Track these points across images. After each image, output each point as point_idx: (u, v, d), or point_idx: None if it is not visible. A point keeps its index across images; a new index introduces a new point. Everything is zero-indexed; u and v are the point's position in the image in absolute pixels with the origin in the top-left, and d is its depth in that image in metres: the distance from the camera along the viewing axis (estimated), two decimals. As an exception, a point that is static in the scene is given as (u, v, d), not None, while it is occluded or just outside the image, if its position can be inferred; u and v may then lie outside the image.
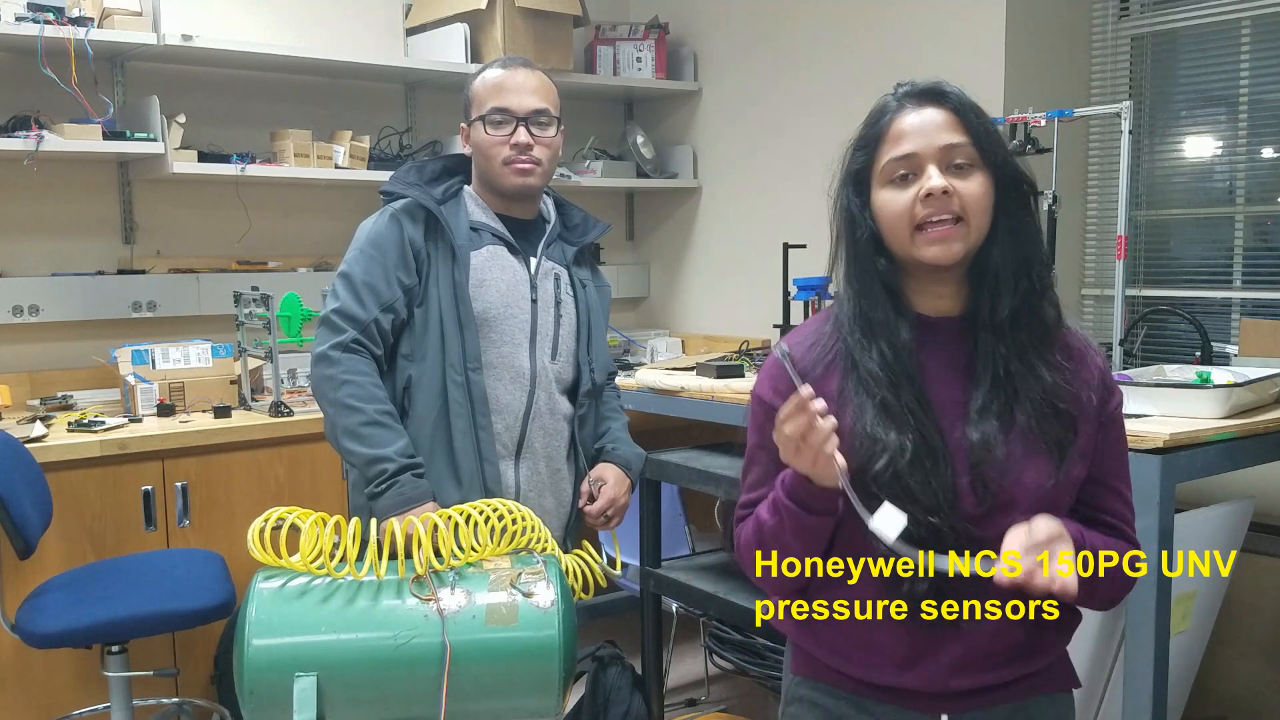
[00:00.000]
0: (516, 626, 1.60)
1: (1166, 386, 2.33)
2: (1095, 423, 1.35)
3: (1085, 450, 1.34)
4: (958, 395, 1.33)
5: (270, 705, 1.56)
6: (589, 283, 2.09)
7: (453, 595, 1.60)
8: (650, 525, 2.98)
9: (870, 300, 1.34)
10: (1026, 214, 1.33)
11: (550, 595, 1.62)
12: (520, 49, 3.70)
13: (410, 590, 1.61)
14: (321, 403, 1.91)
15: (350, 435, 1.84)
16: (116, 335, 3.38)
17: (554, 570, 1.68)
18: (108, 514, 2.85)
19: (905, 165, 1.30)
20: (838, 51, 3.73)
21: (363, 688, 1.57)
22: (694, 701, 3.48)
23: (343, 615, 1.58)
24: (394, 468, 1.81)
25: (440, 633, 1.56)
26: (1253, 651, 2.86)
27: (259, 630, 1.56)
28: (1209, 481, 2.64)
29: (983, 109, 1.34)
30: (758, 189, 4.08)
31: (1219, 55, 3.23)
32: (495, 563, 1.68)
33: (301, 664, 1.55)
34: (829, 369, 1.36)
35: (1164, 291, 3.34)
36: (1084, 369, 1.36)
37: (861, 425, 1.31)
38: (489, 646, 1.58)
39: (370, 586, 1.63)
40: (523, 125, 1.92)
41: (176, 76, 3.47)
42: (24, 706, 2.76)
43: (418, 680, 1.57)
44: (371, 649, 1.57)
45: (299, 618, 1.58)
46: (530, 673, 1.61)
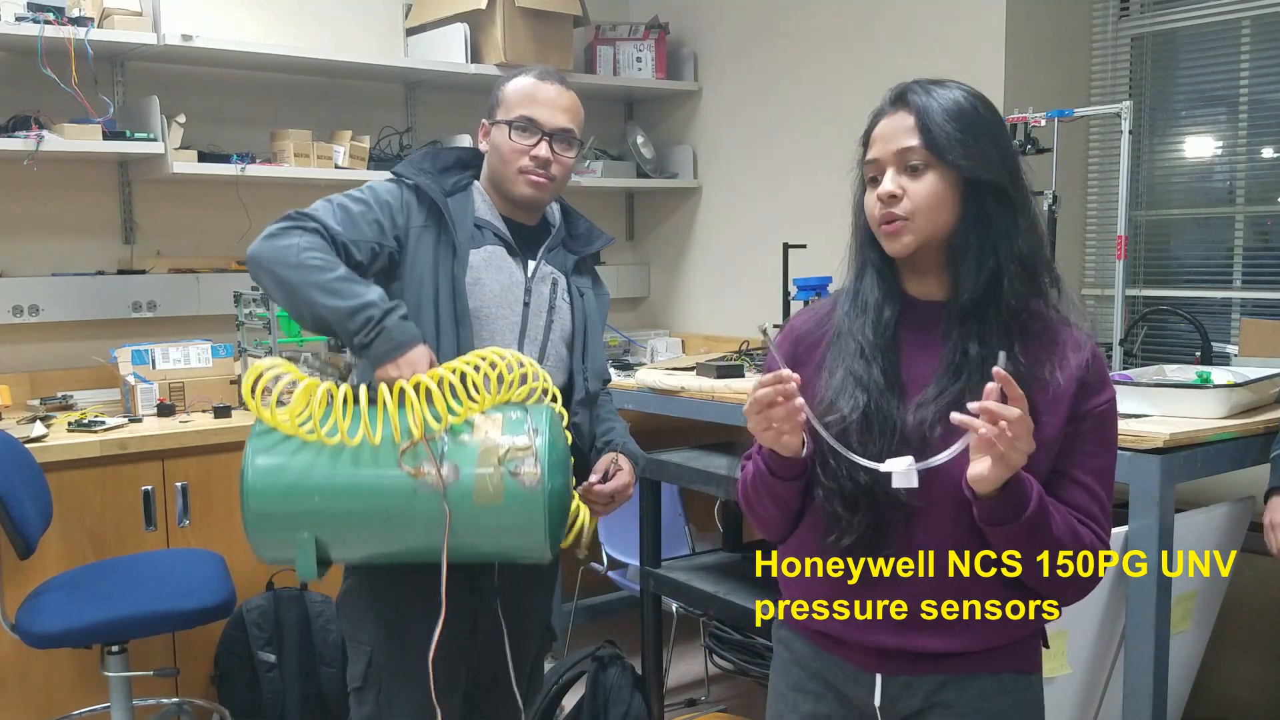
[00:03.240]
0: (502, 505, 1.67)
1: (1166, 386, 2.33)
2: (1064, 415, 1.38)
3: (1044, 439, 1.35)
4: (928, 373, 1.41)
5: (274, 545, 1.72)
6: (588, 291, 2.08)
7: (442, 469, 1.66)
8: (650, 525, 2.98)
9: (863, 281, 1.48)
10: (994, 204, 1.39)
11: (536, 474, 1.67)
12: (520, 49, 3.70)
13: (401, 464, 1.66)
14: (278, 271, 1.76)
15: (324, 290, 1.74)
16: (116, 335, 3.38)
17: (544, 425, 1.71)
18: (108, 514, 2.85)
19: (872, 169, 1.43)
20: (838, 51, 3.74)
21: (357, 541, 1.75)
22: (694, 701, 3.48)
23: (334, 478, 1.67)
24: (379, 313, 1.75)
25: (428, 504, 1.66)
26: (1253, 651, 2.86)
27: (256, 496, 1.69)
28: (1209, 481, 2.64)
29: (970, 104, 1.40)
30: (758, 189, 4.08)
31: (1219, 55, 3.23)
32: (485, 430, 1.71)
33: (299, 523, 1.68)
34: (821, 339, 1.50)
35: (1164, 291, 3.34)
36: (1063, 362, 1.39)
37: (828, 390, 1.44)
38: (477, 519, 1.67)
39: (363, 452, 1.68)
40: (547, 140, 1.92)
41: (176, 76, 3.47)
42: (24, 706, 2.76)
43: (410, 536, 1.70)
44: (363, 514, 1.68)
45: (294, 476, 1.68)
46: (518, 541, 1.72)
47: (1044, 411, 1.36)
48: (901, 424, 1.38)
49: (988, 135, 1.39)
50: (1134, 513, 2.13)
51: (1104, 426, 1.42)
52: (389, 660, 1.92)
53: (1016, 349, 1.36)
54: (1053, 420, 1.37)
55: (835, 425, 1.39)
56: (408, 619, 1.91)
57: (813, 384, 1.45)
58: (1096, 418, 1.40)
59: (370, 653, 1.93)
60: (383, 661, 1.92)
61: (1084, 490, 1.40)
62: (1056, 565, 1.35)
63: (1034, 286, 1.41)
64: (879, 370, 1.41)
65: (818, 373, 1.46)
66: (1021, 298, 1.39)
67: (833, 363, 1.45)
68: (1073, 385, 1.38)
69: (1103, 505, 1.41)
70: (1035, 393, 1.34)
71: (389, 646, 1.92)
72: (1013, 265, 1.38)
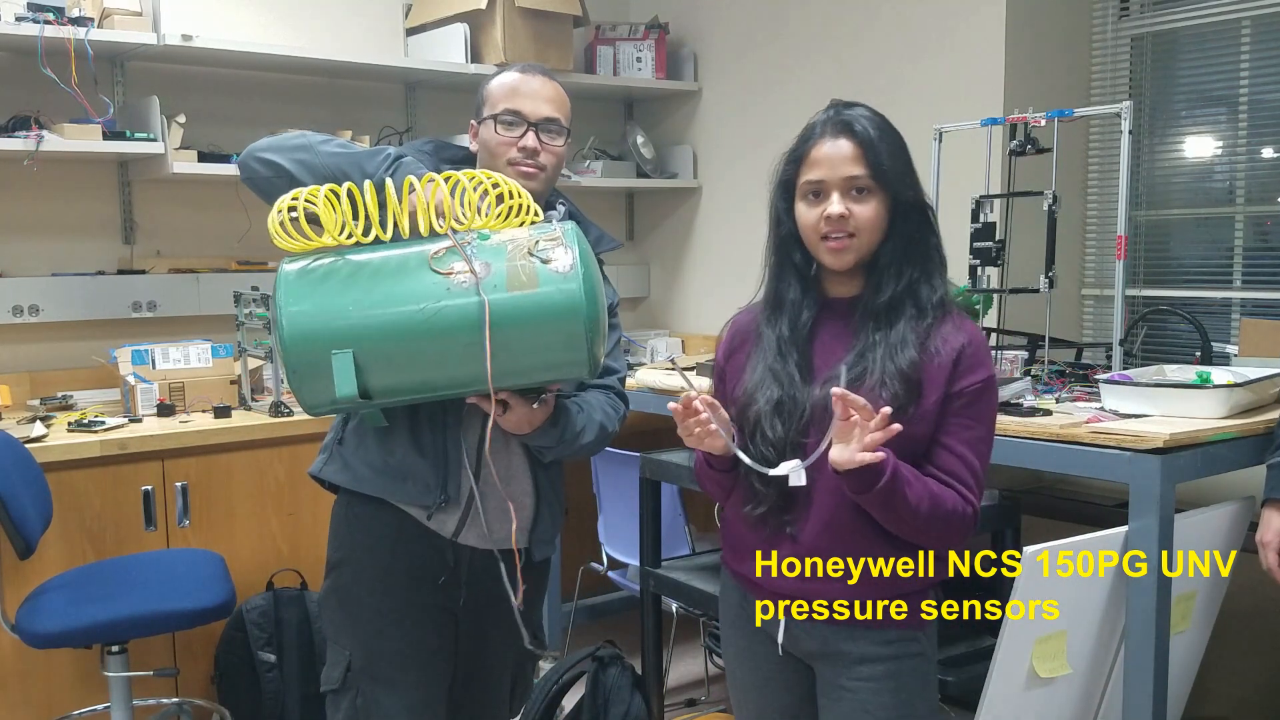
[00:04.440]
0: (538, 291, 1.63)
1: (1166, 386, 2.33)
2: (942, 393, 1.61)
3: (928, 414, 1.61)
4: (837, 361, 1.65)
5: (314, 378, 1.64)
6: None
7: (474, 265, 1.63)
8: (650, 525, 2.98)
9: (784, 284, 1.73)
10: (916, 224, 1.66)
11: (569, 259, 1.64)
12: (520, 49, 3.70)
13: (431, 266, 1.64)
14: (281, 145, 1.77)
15: (340, 147, 1.77)
16: (116, 335, 3.38)
17: (572, 235, 1.68)
18: (108, 514, 2.85)
19: (816, 188, 1.65)
20: (838, 51, 3.74)
21: (398, 357, 1.64)
22: (694, 701, 3.48)
23: (369, 294, 1.63)
24: (395, 152, 1.78)
25: (464, 299, 1.61)
26: (1253, 651, 2.86)
27: (292, 315, 1.62)
28: (1209, 481, 2.64)
29: (891, 132, 1.65)
30: (758, 189, 4.03)
31: (1219, 55, 3.23)
32: (512, 233, 1.69)
33: (336, 341, 1.62)
34: (749, 337, 1.77)
35: (1164, 291, 3.34)
36: (945, 343, 1.63)
37: (750, 383, 1.70)
38: (514, 307, 1.62)
39: (394, 263, 1.66)
40: (533, 130, 1.92)
41: (176, 76, 3.47)
42: (24, 706, 2.76)
43: (449, 345, 1.63)
44: (400, 322, 1.62)
45: (327, 300, 1.63)
46: (557, 331, 1.64)
47: (928, 382, 1.61)
48: (810, 407, 1.64)
49: (907, 159, 1.66)
50: (1134, 513, 2.13)
51: (976, 403, 1.63)
52: (369, 665, 1.90)
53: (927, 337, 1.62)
54: (932, 391, 1.61)
55: (753, 414, 1.67)
56: (389, 625, 1.90)
57: (742, 374, 1.73)
58: (970, 395, 1.62)
59: (349, 657, 1.91)
60: (362, 666, 1.90)
61: (956, 457, 1.63)
62: (918, 526, 1.59)
63: (936, 283, 1.67)
64: (793, 364, 1.68)
65: (744, 370, 1.73)
66: (929, 296, 1.65)
67: (754, 359, 1.72)
68: (948, 365, 1.61)
69: (974, 470, 1.63)
70: (925, 365, 1.61)
71: (369, 652, 1.90)
72: (923, 270, 1.65)
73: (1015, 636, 2.12)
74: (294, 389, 1.67)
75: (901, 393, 1.59)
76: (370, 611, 1.91)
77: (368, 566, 1.92)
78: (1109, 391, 2.36)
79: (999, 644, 2.12)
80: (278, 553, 3.10)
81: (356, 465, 1.90)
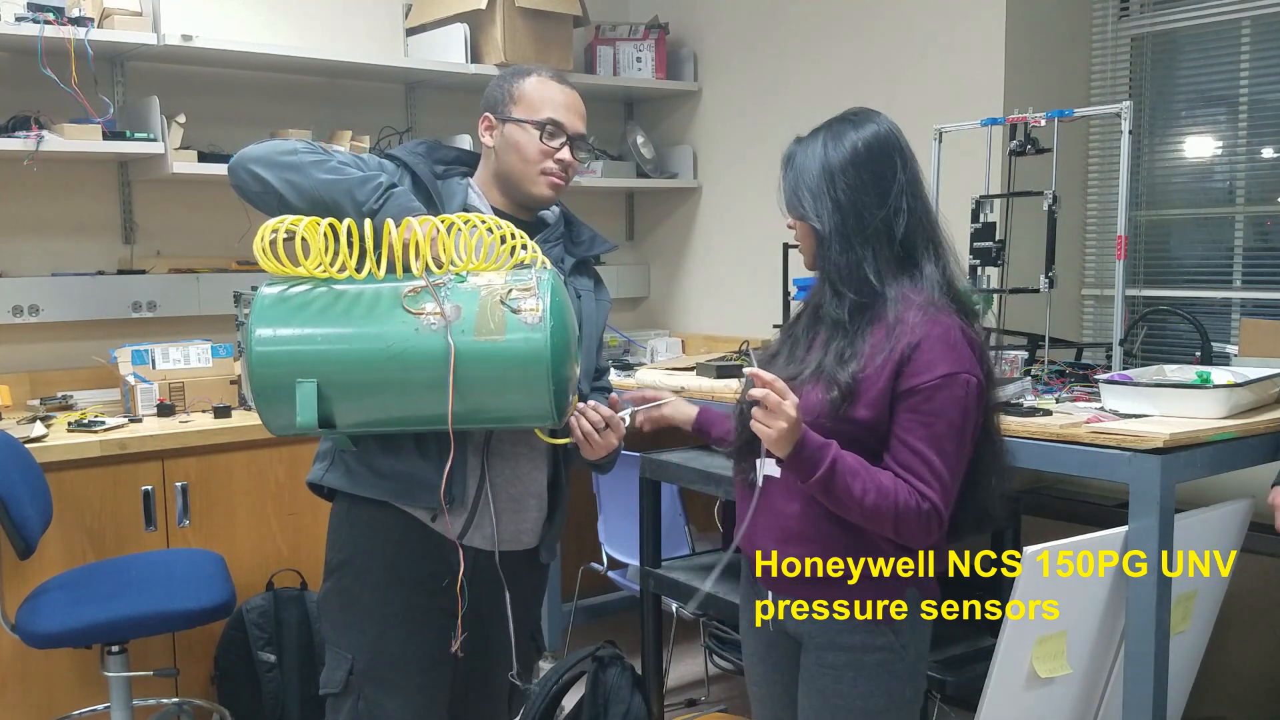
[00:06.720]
0: (504, 340, 1.66)
1: (1166, 386, 2.33)
2: (888, 386, 1.68)
3: (871, 402, 1.68)
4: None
5: (277, 401, 1.70)
6: (586, 293, 2.07)
7: (444, 307, 1.67)
8: (650, 525, 2.98)
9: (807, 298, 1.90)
10: (840, 247, 1.75)
11: (539, 310, 1.66)
12: (520, 49, 3.70)
13: (403, 305, 1.67)
14: (274, 157, 1.76)
15: (331, 171, 1.76)
16: (116, 335, 3.38)
17: (546, 285, 1.70)
18: (107, 514, 2.85)
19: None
20: (838, 51, 3.74)
21: (361, 391, 1.70)
22: (694, 701, 3.48)
23: (339, 327, 1.68)
24: (387, 181, 1.77)
25: (430, 341, 1.65)
26: (1253, 651, 2.86)
27: (261, 339, 1.68)
28: (1209, 481, 2.64)
29: (809, 166, 1.84)
30: (758, 189, 4.08)
31: (1219, 55, 3.23)
32: (488, 278, 1.71)
33: (302, 370, 1.67)
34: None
35: (1164, 291, 3.34)
36: (897, 342, 1.68)
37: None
38: (479, 352, 1.65)
39: (367, 299, 1.69)
40: (570, 145, 1.94)
41: (176, 76, 3.47)
42: (24, 706, 2.76)
43: (411, 384, 1.67)
44: (366, 357, 1.67)
45: (298, 329, 1.69)
46: (520, 380, 1.67)
47: (872, 379, 1.69)
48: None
49: (828, 185, 1.81)
50: (1134, 513, 2.13)
51: (930, 401, 1.67)
52: (371, 668, 1.89)
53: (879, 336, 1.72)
54: (878, 385, 1.68)
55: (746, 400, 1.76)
56: (392, 629, 1.89)
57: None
58: (923, 393, 1.67)
59: (351, 661, 1.90)
60: (364, 670, 1.89)
61: (911, 453, 1.68)
62: (865, 515, 1.66)
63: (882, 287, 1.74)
64: (784, 358, 1.85)
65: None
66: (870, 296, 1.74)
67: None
68: (893, 363, 1.67)
69: (931, 466, 1.67)
70: (868, 369, 1.69)
71: (371, 655, 1.89)
72: (859, 282, 1.74)
73: (1015, 636, 2.12)
74: (258, 410, 1.74)
75: (848, 384, 1.69)
76: (373, 614, 1.90)
77: (370, 569, 1.91)
78: (1109, 391, 2.36)
79: (999, 644, 2.12)
80: (278, 553, 3.10)
81: (360, 470, 1.90)
